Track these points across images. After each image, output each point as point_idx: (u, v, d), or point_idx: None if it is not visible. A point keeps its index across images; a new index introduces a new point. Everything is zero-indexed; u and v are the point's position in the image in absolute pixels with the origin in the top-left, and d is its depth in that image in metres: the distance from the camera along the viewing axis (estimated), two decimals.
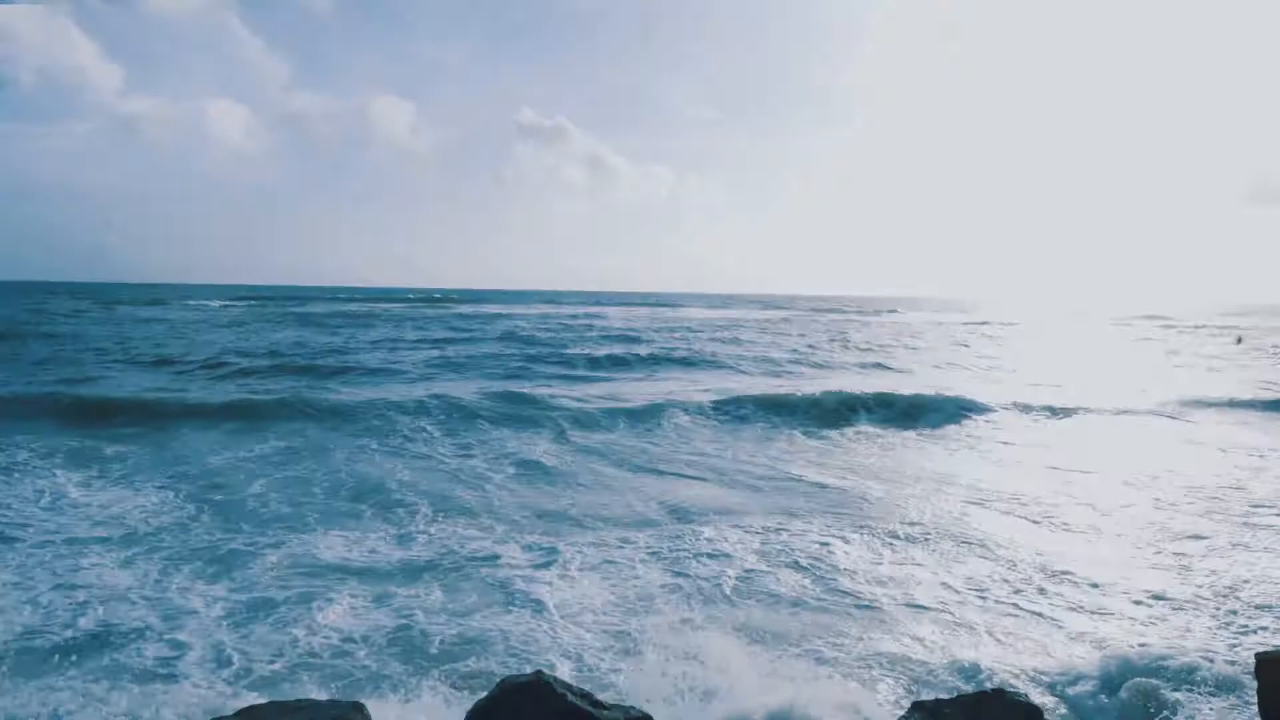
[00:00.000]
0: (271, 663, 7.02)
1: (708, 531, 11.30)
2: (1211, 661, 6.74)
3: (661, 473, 15.38)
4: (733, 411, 21.73)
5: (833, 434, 19.95)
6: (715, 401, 22.41)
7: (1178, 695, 6.15)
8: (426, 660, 7.19)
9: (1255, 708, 4.99)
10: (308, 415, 19.35)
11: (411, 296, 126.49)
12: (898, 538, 11.26)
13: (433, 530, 11.16)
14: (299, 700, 4.34)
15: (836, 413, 22.02)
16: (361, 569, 9.51)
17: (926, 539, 11.23)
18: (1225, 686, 6.19)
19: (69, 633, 7.51)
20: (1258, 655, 3.31)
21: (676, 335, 49.73)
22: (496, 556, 10.05)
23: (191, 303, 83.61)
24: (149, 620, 7.85)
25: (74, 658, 7.03)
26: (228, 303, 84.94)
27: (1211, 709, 5.91)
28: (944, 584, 9.45)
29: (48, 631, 7.53)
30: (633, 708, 4.80)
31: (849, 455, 17.55)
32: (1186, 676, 6.50)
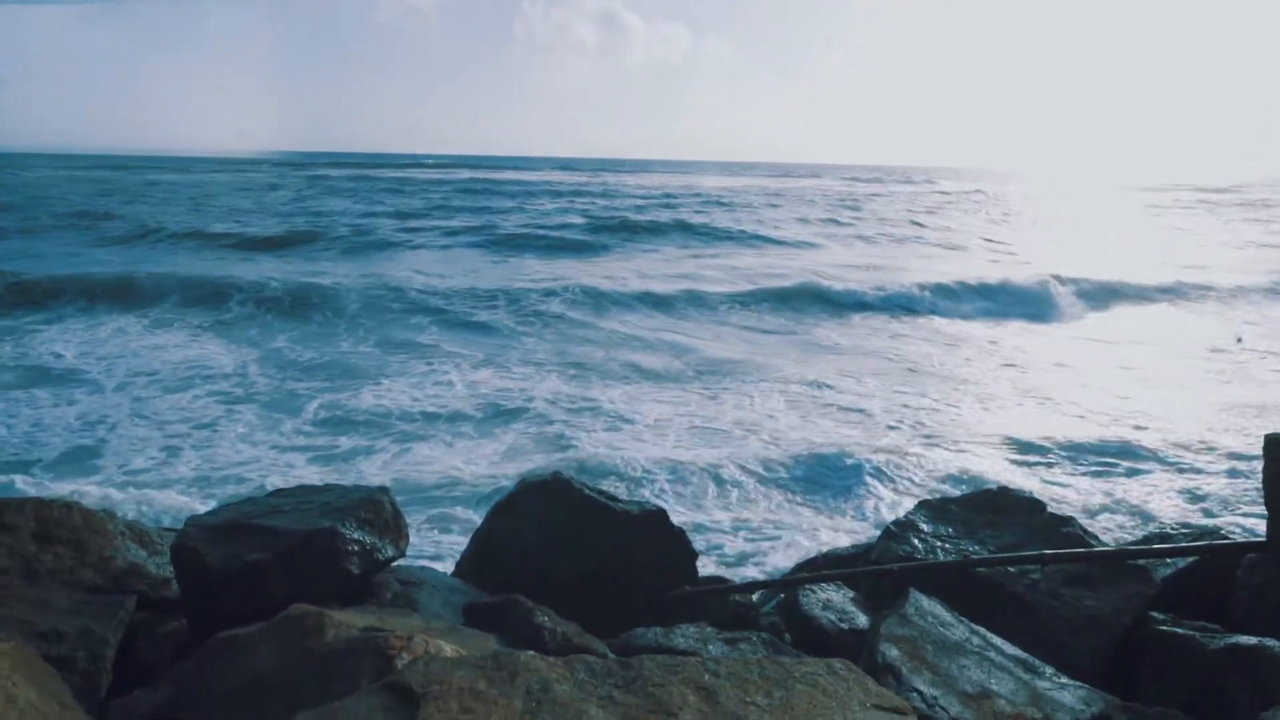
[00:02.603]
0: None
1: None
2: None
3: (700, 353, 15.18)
4: (758, 298, 20.29)
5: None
6: (746, 292, 20.89)
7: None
8: (471, 483, 7.60)
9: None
10: (311, 281, 19.35)
11: (429, 162, 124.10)
12: None
13: (471, 381, 11.67)
14: (327, 484, 4.56)
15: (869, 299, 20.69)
16: (417, 412, 9.94)
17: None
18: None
19: (177, 466, 8.25)
20: (1267, 436, 3.36)
21: (693, 204, 48.78)
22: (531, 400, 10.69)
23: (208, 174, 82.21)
24: (247, 456, 8.62)
25: (185, 484, 7.59)
26: (212, 172, 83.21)
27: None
28: None
29: (155, 466, 8.11)
30: (647, 503, 4.98)
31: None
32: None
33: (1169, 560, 4.22)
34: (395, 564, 4.49)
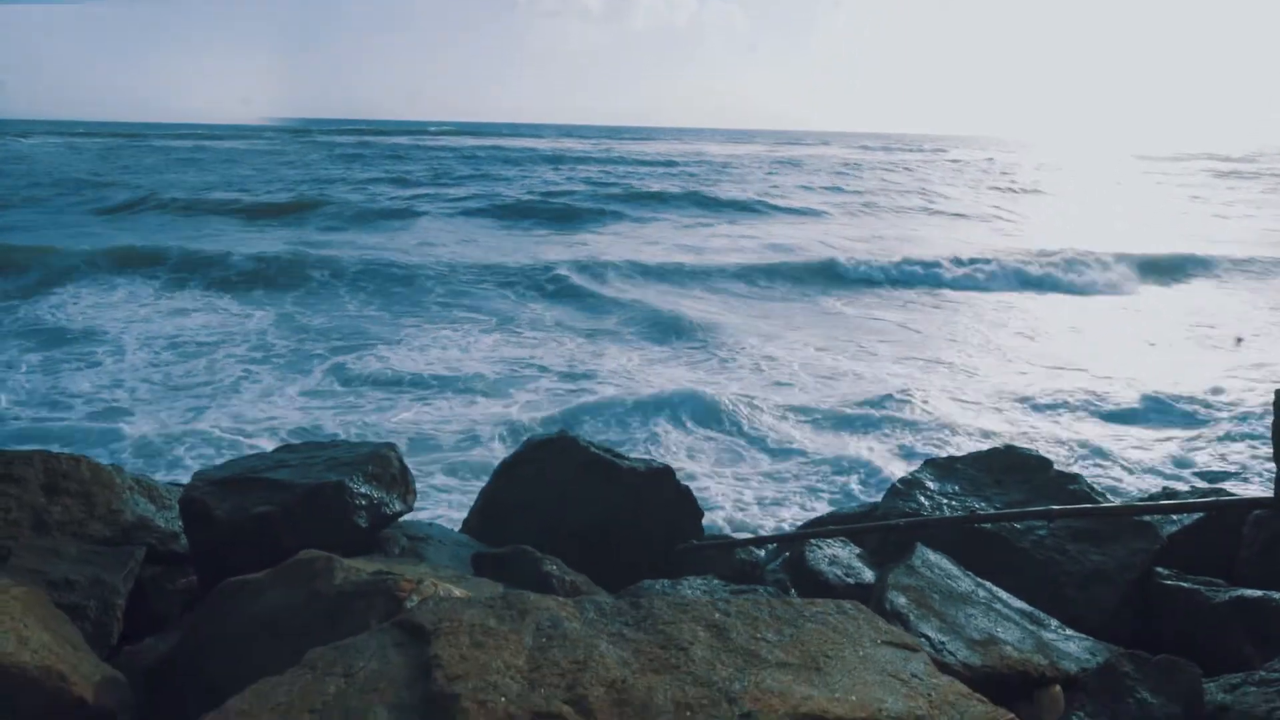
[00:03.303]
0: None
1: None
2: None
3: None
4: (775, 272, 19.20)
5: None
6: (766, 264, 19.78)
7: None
8: (482, 443, 7.67)
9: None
10: (317, 250, 19.15)
11: (432, 128, 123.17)
12: None
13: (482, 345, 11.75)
14: (334, 440, 4.58)
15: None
16: (430, 375, 10.07)
17: None
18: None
19: (204, 422, 8.39)
20: (1278, 390, 3.34)
21: (700, 172, 48.26)
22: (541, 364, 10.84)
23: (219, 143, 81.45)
24: (271, 412, 8.84)
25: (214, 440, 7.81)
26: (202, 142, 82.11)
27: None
28: None
29: (185, 423, 8.33)
30: (654, 460, 4.98)
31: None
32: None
33: (1175, 517, 4.21)
34: (403, 520, 4.51)
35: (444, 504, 6.29)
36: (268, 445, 7.53)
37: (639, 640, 1.78)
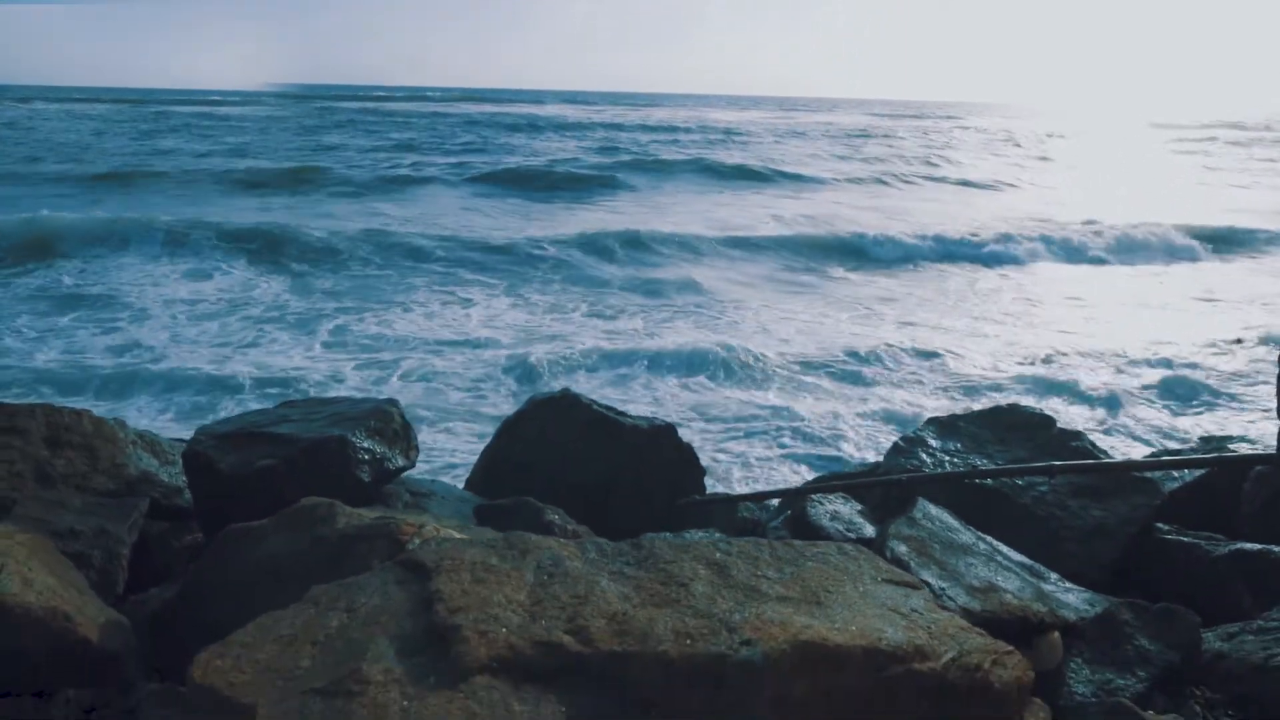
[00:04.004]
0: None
1: None
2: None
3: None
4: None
5: None
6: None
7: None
8: (488, 402, 7.72)
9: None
10: (321, 221, 19.02)
11: (433, 94, 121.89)
12: None
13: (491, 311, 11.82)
14: (336, 396, 4.59)
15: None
16: (435, 340, 10.17)
17: None
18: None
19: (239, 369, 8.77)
20: None
21: (707, 140, 47.71)
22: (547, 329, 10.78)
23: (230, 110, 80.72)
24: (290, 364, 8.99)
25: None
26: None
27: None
28: None
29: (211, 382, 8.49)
30: (656, 418, 4.98)
31: None
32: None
33: (1176, 473, 4.20)
34: (405, 476, 4.52)
35: (447, 462, 6.33)
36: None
37: (640, 577, 1.79)
